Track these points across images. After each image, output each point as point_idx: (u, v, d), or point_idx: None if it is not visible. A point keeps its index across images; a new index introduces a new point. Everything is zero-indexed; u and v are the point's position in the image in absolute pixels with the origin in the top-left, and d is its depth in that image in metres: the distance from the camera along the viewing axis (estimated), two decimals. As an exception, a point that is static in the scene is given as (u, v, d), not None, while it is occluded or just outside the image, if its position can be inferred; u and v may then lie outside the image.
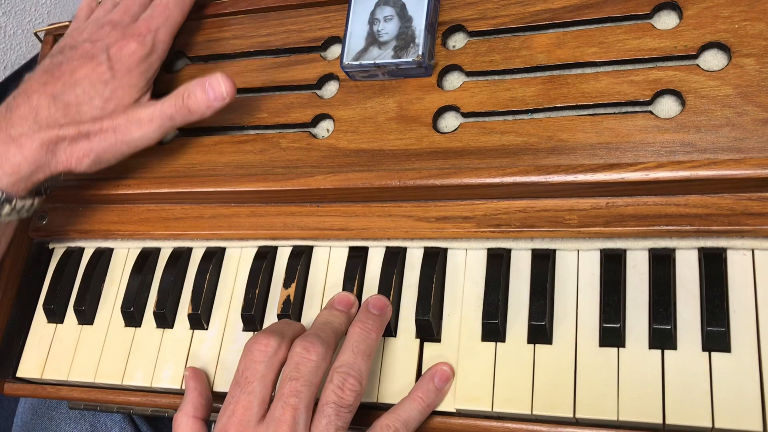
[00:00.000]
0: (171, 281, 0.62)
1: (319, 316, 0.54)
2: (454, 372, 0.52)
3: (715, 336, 0.47)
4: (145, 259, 0.65)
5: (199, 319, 0.60)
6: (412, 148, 0.56)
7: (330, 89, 0.62)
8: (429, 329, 0.53)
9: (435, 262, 0.55)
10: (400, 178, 0.55)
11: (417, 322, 0.54)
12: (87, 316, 0.64)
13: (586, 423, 0.49)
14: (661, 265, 0.50)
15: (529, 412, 0.49)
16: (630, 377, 0.48)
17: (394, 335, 0.55)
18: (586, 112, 0.53)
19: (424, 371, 0.53)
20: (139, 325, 0.63)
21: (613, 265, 0.51)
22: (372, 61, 0.57)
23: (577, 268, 0.52)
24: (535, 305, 0.51)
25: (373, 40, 0.58)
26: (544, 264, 0.52)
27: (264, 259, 0.60)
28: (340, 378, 0.49)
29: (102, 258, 0.66)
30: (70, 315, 0.65)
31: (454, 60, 0.57)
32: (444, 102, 0.57)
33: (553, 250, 0.53)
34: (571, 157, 0.52)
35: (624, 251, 0.51)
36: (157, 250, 0.65)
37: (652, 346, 0.48)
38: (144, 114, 0.58)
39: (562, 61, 0.54)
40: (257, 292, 0.59)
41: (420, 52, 0.56)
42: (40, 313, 0.67)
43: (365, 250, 0.58)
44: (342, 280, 0.58)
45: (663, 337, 0.48)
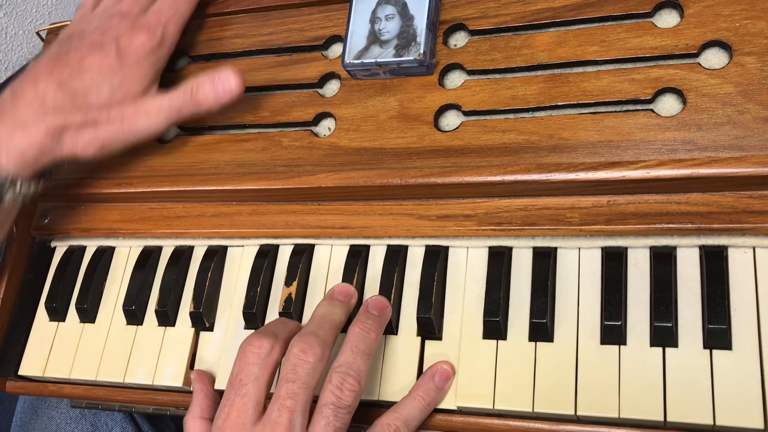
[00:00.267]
0: (173, 279, 0.62)
1: (319, 307, 0.54)
2: (454, 370, 0.52)
3: (717, 334, 0.47)
4: (147, 258, 0.65)
5: (201, 318, 0.60)
6: (414, 147, 0.56)
7: (331, 88, 0.62)
8: (430, 327, 0.54)
9: (436, 261, 0.55)
10: (402, 177, 0.55)
11: (418, 320, 0.54)
12: (89, 314, 0.64)
13: (587, 420, 0.49)
14: (663, 263, 0.50)
15: (530, 410, 0.49)
16: (631, 375, 0.48)
17: (395, 333, 0.55)
18: (587, 111, 0.53)
19: (425, 369, 0.53)
20: (141, 324, 0.63)
21: (614, 263, 0.51)
22: (373, 60, 0.57)
23: (578, 266, 0.52)
24: (536, 303, 0.51)
25: (374, 38, 0.58)
26: (545, 262, 0.53)
27: (266, 257, 0.60)
28: (338, 378, 0.49)
29: (104, 256, 0.66)
30: (72, 313, 0.65)
31: (455, 59, 0.57)
32: (445, 100, 0.57)
33: (555, 248, 0.53)
34: (572, 155, 0.52)
35: (625, 249, 0.51)
36: (158, 249, 0.65)
37: (653, 344, 0.48)
38: (152, 105, 0.59)
39: (563, 60, 0.54)
40: (259, 290, 0.59)
41: (421, 51, 0.56)
42: (41, 312, 0.67)
43: (367, 248, 0.58)
44: (343, 279, 0.58)
45: (664, 335, 0.48)
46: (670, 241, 0.50)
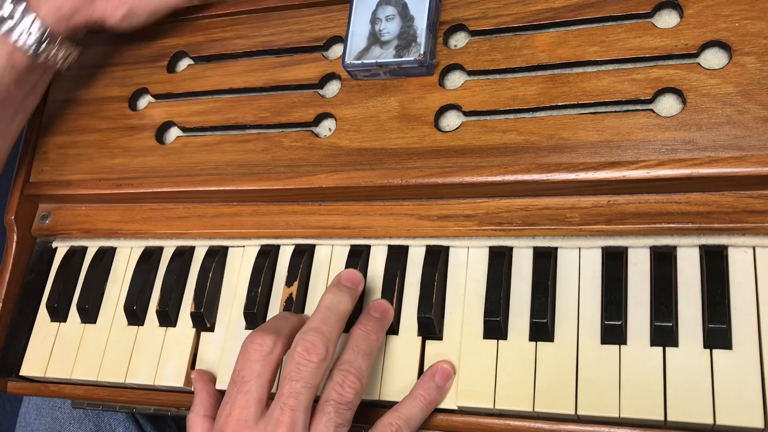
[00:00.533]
0: (174, 280, 0.62)
1: (325, 296, 0.53)
2: (455, 369, 0.52)
3: (717, 333, 0.47)
4: (148, 258, 0.65)
5: (202, 318, 0.60)
6: (414, 147, 0.56)
7: (332, 88, 0.62)
8: (431, 327, 0.54)
9: (437, 261, 0.55)
10: (402, 177, 0.55)
11: (419, 319, 0.54)
12: (90, 314, 0.65)
13: (587, 420, 0.49)
14: (663, 262, 0.50)
15: (530, 410, 0.50)
16: (631, 374, 0.48)
17: (396, 333, 0.55)
18: (587, 111, 0.53)
19: (425, 369, 0.53)
20: (142, 324, 0.63)
21: (614, 262, 0.51)
22: (374, 61, 0.57)
23: (579, 266, 0.52)
24: (536, 303, 0.51)
25: (374, 39, 0.58)
26: (545, 262, 0.53)
27: (266, 257, 0.60)
28: (340, 376, 0.49)
29: (105, 257, 0.66)
30: (73, 314, 0.66)
31: (455, 59, 0.58)
32: (445, 101, 0.57)
33: (555, 248, 0.53)
34: (572, 155, 0.52)
35: (625, 249, 0.51)
36: (159, 249, 0.65)
37: (653, 344, 0.48)
38: None
39: (563, 60, 0.54)
40: (260, 290, 0.59)
41: (422, 51, 0.56)
42: (43, 312, 0.67)
43: (367, 248, 0.58)
44: (344, 279, 0.58)
45: (664, 335, 0.48)
46: (670, 240, 0.50)
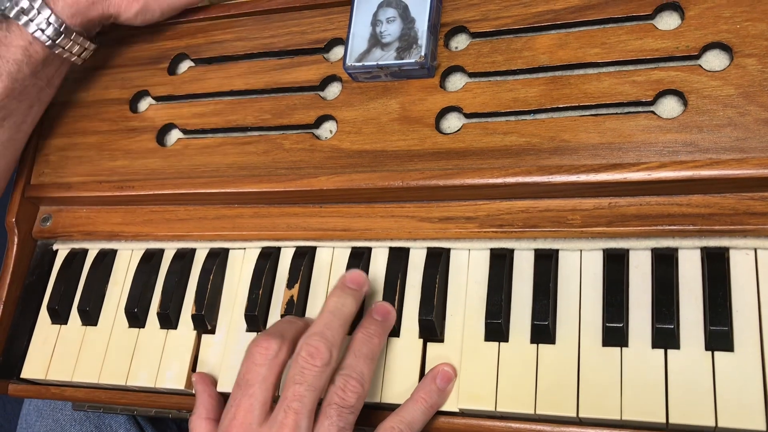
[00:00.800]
0: (175, 282, 0.62)
1: (329, 301, 0.53)
2: (456, 372, 0.52)
3: (718, 335, 0.47)
4: (149, 260, 0.65)
5: (203, 320, 0.60)
6: (415, 149, 0.56)
7: (333, 90, 0.62)
8: (432, 329, 0.54)
9: (438, 263, 0.55)
10: (403, 179, 0.55)
11: (420, 322, 0.54)
12: (91, 317, 0.65)
13: (589, 422, 0.49)
14: (664, 264, 0.50)
15: (532, 412, 0.50)
16: (633, 377, 0.48)
17: (397, 335, 0.55)
18: (588, 113, 0.53)
19: (427, 371, 0.53)
20: (143, 326, 0.63)
21: (615, 265, 0.51)
22: (375, 63, 0.57)
23: (580, 268, 0.52)
24: (538, 305, 0.51)
25: (375, 41, 0.58)
26: (546, 264, 0.53)
27: (267, 259, 0.60)
28: (342, 380, 0.49)
29: (106, 259, 0.66)
30: (74, 316, 0.66)
31: (456, 61, 0.58)
32: (446, 103, 0.57)
33: (556, 250, 0.53)
34: (573, 157, 0.52)
35: (627, 251, 0.51)
36: (160, 251, 0.65)
37: (655, 346, 0.48)
38: None
39: (564, 62, 0.54)
40: (261, 292, 0.59)
41: (423, 53, 0.56)
42: (44, 314, 0.67)
43: (368, 250, 0.58)
44: (345, 281, 0.58)
45: (666, 337, 0.48)
46: (671, 242, 0.50)
